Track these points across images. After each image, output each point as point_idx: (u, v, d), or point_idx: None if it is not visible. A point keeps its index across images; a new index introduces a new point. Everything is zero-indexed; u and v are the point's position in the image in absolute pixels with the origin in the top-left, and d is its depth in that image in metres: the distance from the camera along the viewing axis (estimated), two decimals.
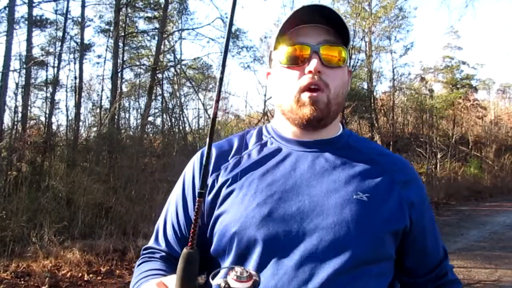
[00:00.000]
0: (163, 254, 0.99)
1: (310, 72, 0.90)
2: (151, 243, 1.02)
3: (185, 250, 0.72)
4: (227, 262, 0.89)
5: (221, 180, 0.94)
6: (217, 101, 0.73)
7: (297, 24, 0.93)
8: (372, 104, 17.02)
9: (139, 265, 0.98)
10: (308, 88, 0.91)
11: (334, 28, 0.93)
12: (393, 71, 18.66)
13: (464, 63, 22.31)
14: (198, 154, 1.03)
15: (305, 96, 0.90)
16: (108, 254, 5.41)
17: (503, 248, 6.99)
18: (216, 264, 0.92)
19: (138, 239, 6.06)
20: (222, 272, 0.81)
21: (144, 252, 1.02)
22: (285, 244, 0.85)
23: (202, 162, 0.98)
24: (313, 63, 0.89)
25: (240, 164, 0.96)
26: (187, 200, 0.99)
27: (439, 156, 16.68)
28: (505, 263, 6.03)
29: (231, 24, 0.82)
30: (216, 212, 0.92)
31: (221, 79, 0.75)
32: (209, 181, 0.95)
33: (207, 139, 0.75)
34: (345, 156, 0.95)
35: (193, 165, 1.02)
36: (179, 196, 1.01)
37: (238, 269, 0.70)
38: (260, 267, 0.85)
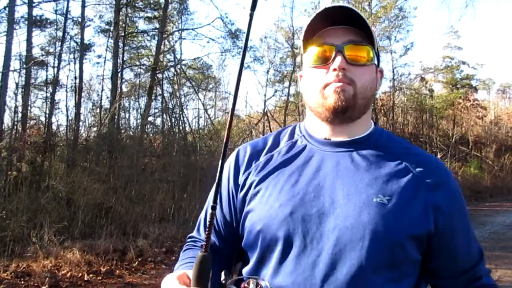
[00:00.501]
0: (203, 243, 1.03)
1: (334, 69, 0.93)
2: (194, 233, 1.11)
3: (200, 253, 0.83)
4: (254, 257, 0.96)
5: (251, 178, 1.00)
6: (230, 122, 0.88)
7: (324, 26, 0.97)
8: (372, 104, 17.00)
9: (184, 251, 1.08)
10: (332, 83, 0.94)
11: (360, 29, 0.96)
12: (393, 71, 18.67)
13: (464, 63, 22.36)
14: (234, 154, 1.08)
15: (330, 88, 0.94)
16: (108, 254, 5.41)
17: (503, 248, 6.99)
18: (246, 256, 0.99)
19: (138, 239, 6.06)
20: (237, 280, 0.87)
21: (188, 240, 1.11)
22: (303, 243, 0.88)
23: (238, 162, 1.05)
24: (337, 61, 0.93)
25: (270, 162, 1.01)
26: (222, 198, 1.05)
27: (439, 156, 16.68)
28: (505, 263, 6.03)
29: (246, 41, 0.91)
30: (246, 209, 0.98)
31: (235, 99, 0.93)
32: (242, 179, 1.02)
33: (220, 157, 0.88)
34: (371, 157, 0.96)
35: (229, 165, 1.07)
36: (214, 193, 1.03)
37: (251, 284, 0.82)
38: (280, 264, 0.90)
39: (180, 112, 11.89)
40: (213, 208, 0.83)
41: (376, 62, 1.00)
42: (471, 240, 1.00)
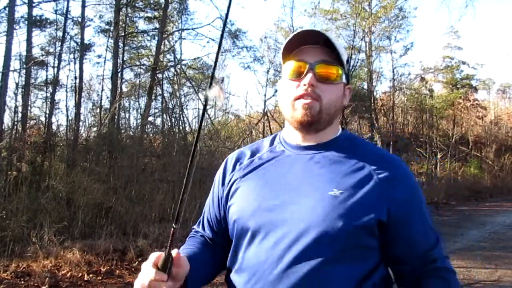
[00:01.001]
0: (202, 234, 1.28)
1: (305, 85, 1.07)
2: (196, 226, 1.32)
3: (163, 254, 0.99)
4: (233, 244, 1.14)
5: (234, 178, 1.18)
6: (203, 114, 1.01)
7: (302, 44, 1.10)
8: (372, 104, 17.02)
9: (189, 237, 1.29)
10: (302, 97, 1.08)
11: (333, 50, 1.09)
12: (393, 71, 18.68)
13: (464, 63, 22.35)
14: (225, 160, 1.27)
15: (299, 103, 1.08)
16: (108, 254, 5.41)
17: (503, 248, 6.99)
18: (233, 245, 1.15)
19: (138, 239, 6.06)
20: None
21: (193, 231, 1.32)
22: (267, 230, 1.05)
23: (226, 168, 1.24)
24: (308, 78, 1.07)
25: (251, 165, 1.18)
26: (213, 200, 1.25)
27: (439, 156, 16.69)
28: (505, 263, 6.03)
29: (225, 21, 1.10)
30: (228, 204, 1.17)
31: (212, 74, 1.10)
32: (227, 179, 1.20)
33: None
34: (333, 157, 1.10)
35: (219, 169, 1.26)
36: (210, 194, 1.28)
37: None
38: (248, 248, 1.08)
39: (180, 112, 11.90)
40: (173, 228, 1.03)
41: (344, 80, 1.13)
42: (427, 229, 1.10)
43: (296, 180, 1.08)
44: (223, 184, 1.21)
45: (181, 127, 11.49)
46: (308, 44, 1.10)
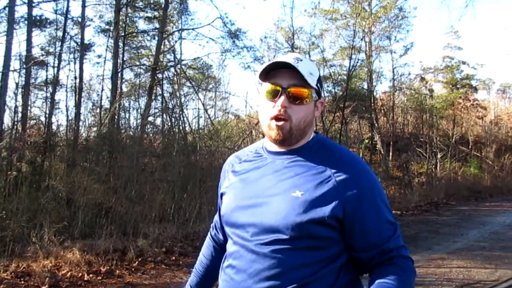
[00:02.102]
0: (214, 237, 1.54)
1: (278, 106, 1.23)
2: (212, 227, 1.56)
3: None
4: (227, 237, 1.36)
5: (227, 181, 1.40)
6: None
7: (277, 66, 1.26)
8: (372, 104, 17.02)
9: (206, 241, 1.57)
10: (276, 118, 1.24)
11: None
12: (393, 71, 18.69)
13: (464, 63, 22.33)
14: (224, 166, 1.47)
15: (273, 123, 1.25)
16: (108, 254, 5.41)
17: (503, 248, 6.99)
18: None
19: (138, 239, 6.06)
20: None
21: (210, 231, 1.56)
22: (241, 224, 1.27)
23: (223, 173, 1.45)
24: (280, 100, 1.24)
25: (239, 169, 1.38)
26: (218, 202, 1.46)
27: (439, 156, 16.69)
28: (505, 263, 6.03)
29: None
30: (221, 202, 1.41)
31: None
32: (222, 182, 1.44)
33: None
34: (300, 162, 1.27)
35: (221, 172, 1.48)
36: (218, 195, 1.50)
37: None
38: (230, 239, 1.32)
39: (180, 112, 11.90)
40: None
41: (315, 97, 1.29)
42: (382, 223, 1.24)
43: (268, 183, 1.27)
44: (221, 187, 1.44)
45: (181, 127, 11.49)
46: (282, 68, 1.25)
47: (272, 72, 1.28)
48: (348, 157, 1.29)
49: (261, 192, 1.27)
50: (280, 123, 1.24)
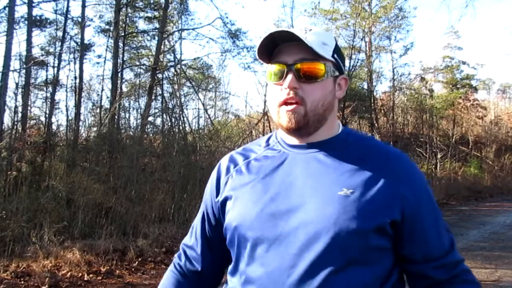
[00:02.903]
0: (183, 266, 1.21)
1: (286, 88, 1.00)
2: (186, 238, 1.23)
3: None
4: (233, 254, 1.06)
5: (230, 183, 1.10)
6: None
7: (279, 42, 1.02)
8: (372, 104, 17.02)
9: (167, 274, 1.22)
10: (285, 103, 1.01)
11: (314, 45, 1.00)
12: (393, 71, 18.69)
13: (464, 63, 22.33)
14: (217, 165, 1.19)
15: (283, 109, 1.01)
16: (108, 254, 5.41)
17: (503, 248, 6.99)
18: (230, 256, 1.09)
19: (138, 239, 6.06)
20: None
21: (180, 252, 1.23)
22: (272, 237, 0.97)
23: (219, 174, 1.15)
24: (288, 80, 0.99)
25: (248, 167, 1.10)
26: (207, 211, 1.18)
27: (439, 156, 16.69)
28: (505, 263, 6.03)
29: None
30: (226, 210, 1.08)
31: None
32: (222, 184, 1.12)
33: None
34: (338, 156, 1.03)
35: (212, 175, 1.19)
36: (202, 206, 1.21)
37: None
38: (252, 257, 1.00)
39: (180, 112, 11.90)
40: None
41: (333, 73, 1.04)
42: (441, 229, 1.06)
43: (299, 181, 1.00)
44: (217, 191, 1.13)
45: (181, 127, 11.49)
46: (286, 42, 1.01)
47: (276, 50, 1.04)
48: (395, 152, 1.07)
49: (291, 193, 0.99)
50: (291, 107, 0.99)
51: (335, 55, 1.03)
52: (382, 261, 0.98)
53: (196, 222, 1.20)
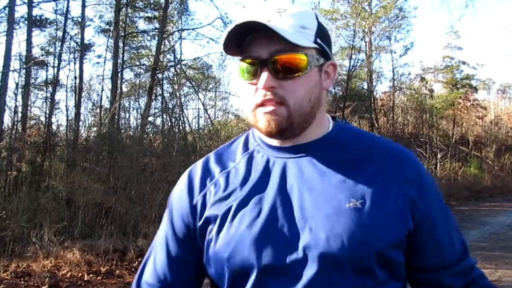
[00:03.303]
0: None
1: (261, 89, 0.82)
2: (146, 277, 1.05)
3: None
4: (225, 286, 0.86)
5: (210, 200, 0.89)
6: None
7: (250, 31, 0.83)
8: (372, 104, 17.03)
9: None
10: (262, 105, 0.83)
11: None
12: (393, 71, 18.70)
13: (464, 63, 22.34)
14: (185, 176, 0.96)
15: (260, 112, 0.84)
16: (108, 254, 5.41)
17: (503, 248, 6.99)
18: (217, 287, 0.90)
19: (138, 239, 6.06)
20: None
21: None
22: (278, 264, 0.80)
23: (191, 188, 0.93)
24: (263, 79, 0.81)
25: (228, 180, 0.90)
26: (176, 236, 0.94)
27: (439, 156, 16.69)
28: (505, 263, 6.03)
29: None
30: (208, 236, 0.87)
31: None
32: (198, 201, 0.90)
33: None
34: (335, 158, 0.87)
35: (180, 189, 0.95)
36: (165, 228, 0.98)
37: None
38: None
39: (180, 112, 11.90)
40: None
41: (318, 62, 0.86)
42: (452, 230, 0.93)
43: (295, 194, 0.84)
44: (192, 212, 0.91)
45: (181, 127, 11.50)
46: (257, 31, 0.82)
47: (247, 40, 0.84)
48: (400, 150, 0.92)
49: (289, 208, 0.83)
50: (270, 108, 0.82)
51: (319, 40, 0.85)
52: (398, 277, 0.87)
53: (158, 253, 0.98)
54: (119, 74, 11.37)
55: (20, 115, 9.22)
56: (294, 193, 0.84)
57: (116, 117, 10.30)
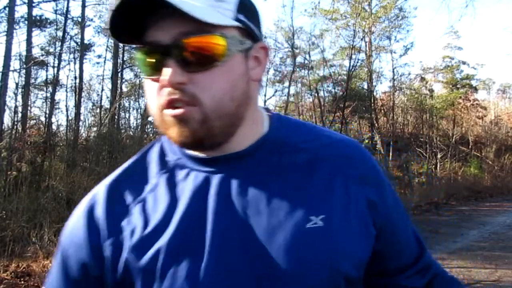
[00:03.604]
0: None
1: (164, 85, 0.61)
2: None
3: None
4: None
5: (126, 244, 0.65)
6: None
7: (146, 7, 0.59)
8: (372, 104, 17.02)
9: None
10: (168, 105, 0.62)
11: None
12: (393, 71, 18.68)
13: (464, 63, 22.33)
14: (83, 210, 0.70)
15: (167, 115, 0.62)
16: None
17: (503, 248, 6.98)
18: None
19: None
20: None
21: None
22: None
23: (96, 223, 0.68)
24: (166, 74, 0.60)
25: (146, 212, 0.67)
26: (70, 281, 0.68)
27: (439, 156, 16.69)
28: (505, 263, 6.02)
29: None
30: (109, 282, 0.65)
31: None
32: (107, 246, 0.66)
33: None
34: (280, 165, 0.69)
35: (77, 230, 0.69)
36: (58, 280, 0.70)
37: None
38: None
39: None
40: None
41: (242, 45, 0.64)
42: (409, 229, 0.81)
43: (242, 223, 0.64)
44: (98, 261, 0.66)
45: None
46: (155, 9, 0.59)
47: (146, 22, 0.62)
48: (345, 140, 0.76)
49: (243, 242, 0.64)
50: (178, 111, 0.61)
51: (241, 16, 0.64)
52: None
53: None
54: (119, 74, 11.38)
55: (20, 115, 9.23)
56: (239, 223, 0.64)
57: (116, 117, 10.30)
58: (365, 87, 17.50)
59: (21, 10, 13.16)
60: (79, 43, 11.19)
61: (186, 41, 0.60)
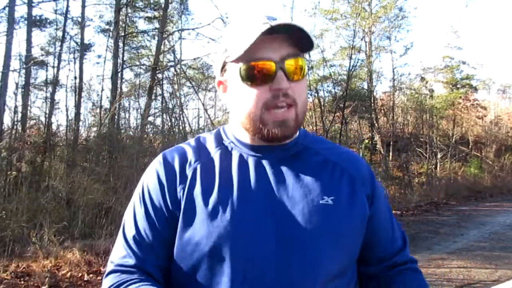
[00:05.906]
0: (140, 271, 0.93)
1: (277, 90, 0.85)
2: (122, 259, 0.98)
3: None
4: (199, 278, 0.86)
5: (188, 188, 0.89)
6: None
7: (255, 33, 0.83)
8: (372, 104, 17.01)
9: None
10: (275, 106, 0.86)
11: (294, 36, 0.87)
12: (393, 71, 18.67)
13: (464, 63, 22.31)
14: (160, 161, 0.95)
15: (272, 116, 0.87)
16: (108, 254, 5.39)
17: (503, 248, 6.98)
18: (186, 280, 0.88)
19: None
20: None
21: (117, 274, 0.96)
22: (257, 259, 0.84)
23: (171, 171, 0.92)
24: (280, 81, 0.85)
25: (207, 170, 0.91)
26: (156, 216, 0.91)
27: (439, 156, 16.68)
28: (505, 263, 6.02)
29: None
30: (183, 227, 0.88)
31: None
32: (177, 187, 0.90)
33: None
34: (305, 160, 0.94)
35: (156, 173, 0.93)
36: (143, 207, 0.93)
37: None
38: (232, 285, 0.84)
39: (180, 112, 11.89)
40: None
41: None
42: (394, 223, 1.03)
43: (274, 193, 0.89)
44: (171, 197, 0.90)
45: (181, 127, 11.49)
46: (266, 34, 0.83)
47: (251, 44, 0.84)
48: (348, 151, 1.04)
49: (271, 203, 0.88)
50: (284, 110, 0.87)
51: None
52: (354, 268, 0.96)
53: (144, 228, 0.92)
54: (119, 74, 11.37)
55: (20, 115, 9.23)
56: (271, 192, 0.89)
57: (116, 117, 10.30)
58: (365, 87, 17.50)
59: (21, 10, 13.21)
60: (79, 43, 11.19)
61: (289, 61, 0.86)
